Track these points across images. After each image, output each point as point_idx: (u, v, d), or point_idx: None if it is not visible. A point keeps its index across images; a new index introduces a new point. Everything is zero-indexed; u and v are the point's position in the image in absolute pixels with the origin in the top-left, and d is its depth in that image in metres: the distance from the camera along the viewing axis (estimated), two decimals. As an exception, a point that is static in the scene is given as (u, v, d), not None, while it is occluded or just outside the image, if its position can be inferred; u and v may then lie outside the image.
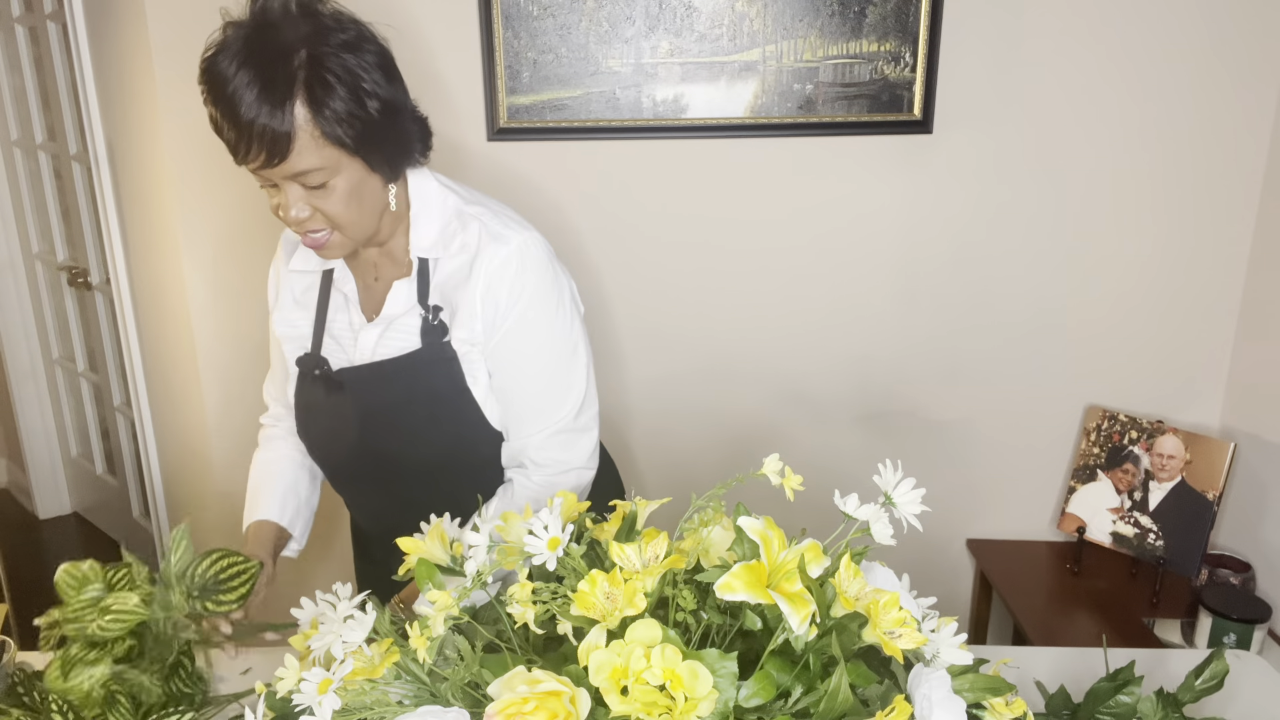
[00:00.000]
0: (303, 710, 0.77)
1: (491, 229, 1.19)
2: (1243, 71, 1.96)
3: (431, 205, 1.20)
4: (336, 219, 1.11)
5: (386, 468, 1.29)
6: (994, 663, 0.93)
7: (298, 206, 1.09)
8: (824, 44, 1.95)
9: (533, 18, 1.94)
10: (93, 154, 2.27)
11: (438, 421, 1.24)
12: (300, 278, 1.30)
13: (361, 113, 1.05)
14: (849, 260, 2.11)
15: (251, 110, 1.01)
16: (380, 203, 1.15)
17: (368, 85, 1.05)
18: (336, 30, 1.05)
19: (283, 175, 1.06)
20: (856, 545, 0.83)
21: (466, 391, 1.22)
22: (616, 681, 0.69)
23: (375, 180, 1.12)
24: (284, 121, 1.01)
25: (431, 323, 1.20)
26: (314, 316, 1.29)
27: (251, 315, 2.14)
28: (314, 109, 1.02)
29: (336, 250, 1.15)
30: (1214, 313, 2.12)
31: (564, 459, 1.26)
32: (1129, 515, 2.10)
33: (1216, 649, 1.05)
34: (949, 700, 0.76)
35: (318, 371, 1.27)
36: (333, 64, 1.03)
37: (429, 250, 1.20)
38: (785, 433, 2.22)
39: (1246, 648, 1.79)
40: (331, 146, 1.05)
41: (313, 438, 1.34)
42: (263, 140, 1.02)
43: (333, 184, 1.08)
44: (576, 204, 2.08)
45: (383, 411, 1.25)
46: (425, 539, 0.94)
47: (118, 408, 2.97)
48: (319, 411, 1.30)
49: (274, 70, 1.01)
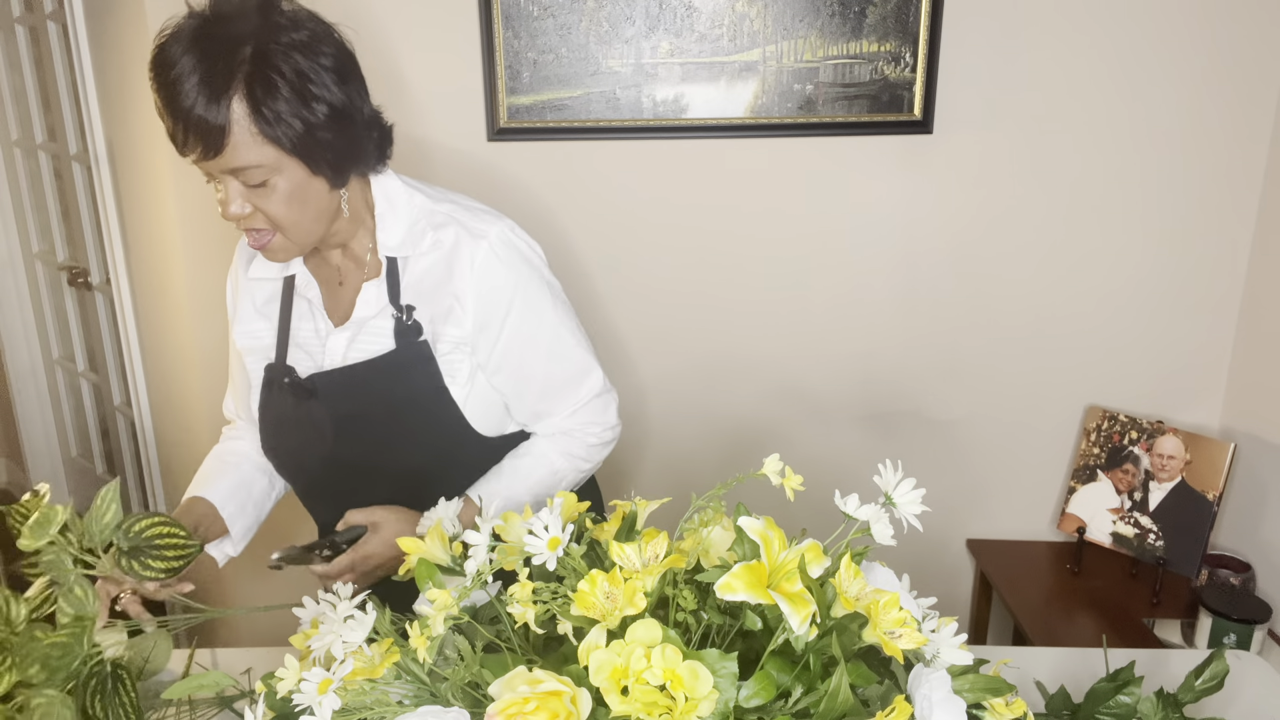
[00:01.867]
0: (303, 710, 0.77)
1: (468, 225, 1.18)
2: (1243, 71, 1.96)
3: (397, 204, 1.19)
4: (276, 219, 1.09)
5: (363, 477, 1.25)
6: (994, 663, 0.93)
7: (236, 203, 1.07)
8: (824, 44, 1.95)
9: (533, 18, 1.94)
10: (93, 154, 2.27)
11: (415, 424, 1.22)
12: (261, 286, 1.27)
13: (305, 114, 1.03)
14: (849, 260, 2.11)
15: (188, 99, 0.99)
16: (326, 206, 1.12)
17: (315, 88, 1.03)
18: (290, 28, 1.03)
19: (220, 169, 1.05)
20: (857, 545, 0.83)
21: (445, 391, 1.21)
22: (617, 681, 0.69)
23: (319, 183, 1.09)
24: (219, 115, 1.00)
25: (405, 323, 1.18)
26: (276, 326, 1.25)
27: (251, 315, 2.14)
28: (252, 105, 1.01)
29: (281, 253, 1.13)
30: (1214, 313, 2.12)
31: (603, 421, 1.30)
32: (1129, 515, 2.10)
33: (1216, 649, 1.04)
34: (949, 700, 0.76)
35: (287, 380, 1.23)
36: (280, 62, 1.01)
37: (397, 249, 1.18)
38: (785, 432, 2.22)
39: (1246, 648, 1.79)
40: (270, 145, 1.03)
41: (282, 452, 1.29)
42: (198, 132, 1.01)
43: (273, 183, 1.06)
44: (576, 204, 2.08)
45: (358, 417, 1.22)
46: (426, 539, 0.94)
47: (118, 408, 2.96)
48: (289, 423, 1.26)
49: (216, 62, 0.99)
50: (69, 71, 2.62)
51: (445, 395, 1.21)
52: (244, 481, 1.31)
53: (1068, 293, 2.12)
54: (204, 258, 2.11)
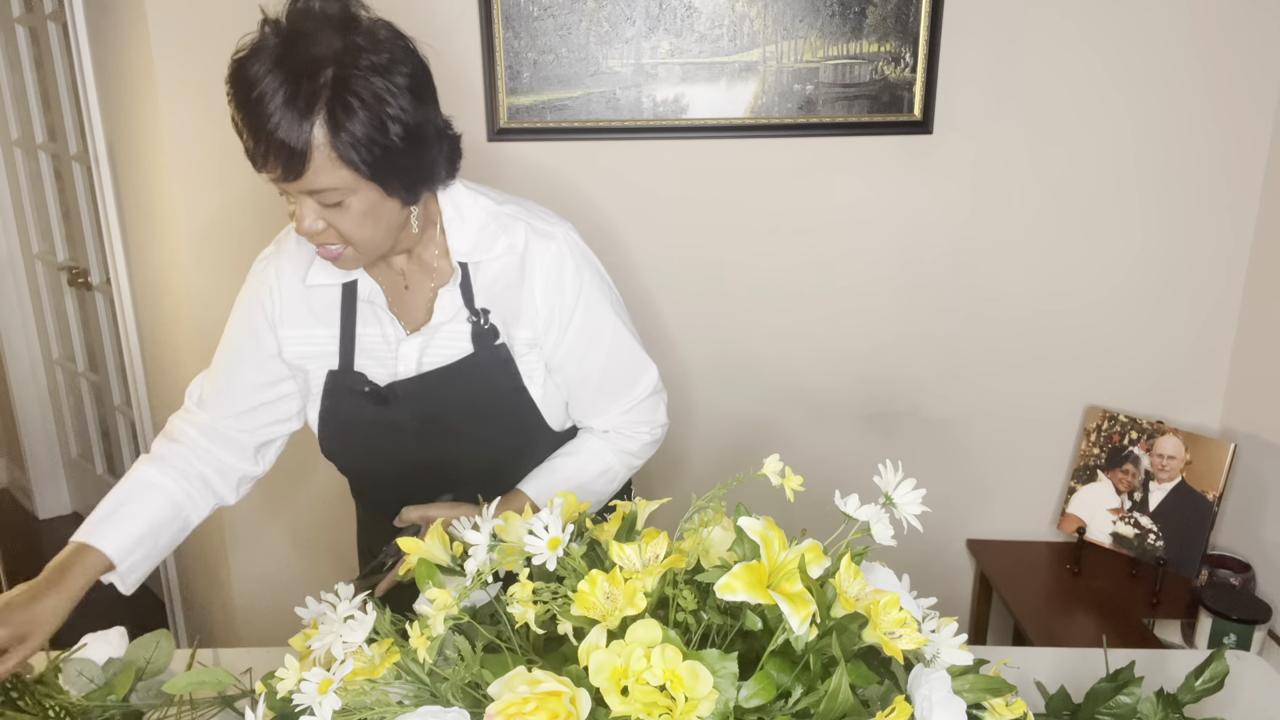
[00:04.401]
0: (303, 710, 0.77)
1: (536, 227, 1.20)
2: (1243, 71, 1.96)
3: (465, 211, 1.20)
4: (350, 237, 1.09)
5: (440, 476, 1.26)
6: (994, 663, 0.93)
7: (310, 219, 1.07)
8: (824, 44, 1.95)
9: (533, 18, 1.94)
10: (93, 154, 2.27)
11: (493, 424, 1.25)
12: (320, 293, 1.25)
13: (381, 138, 1.02)
14: (849, 260, 2.11)
15: (271, 120, 0.99)
16: (398, 221, 1.13)
17: (392, 110, 1.02)
18: (368, 50, 1.01)
19: (297, 190, 1.05)
20: (857, 545, 0.83)
21: (524, 391, 1.24)
22: (617, 682, 0.69)
23: (393, 202, 1.10)
24: (300, 139, 0.99)
25: (483, 326, 1.20)
26: (339, 333, 1.25)
27: (251, 315, 2.14)
28: (332, 130, 1.00)
29: (351, 263, 1.13)
30: (1214, 313, 2.12)
31: (653, 419, 1.33)
32: (1129, 516, 2.10)
33: (1216, 649, 1.05)
34: (949, 701, 0.76)
35: (366, 389, 1.23)
36: (358, 86, 1.00)
37: (469, 255, 1.20)
38: (785, 433, 2.22)
39: (1246, 648, 1.79)
40: (347, 169, 1.03)
41: (350, 456, 1.31)
42: (279, 154, 1.00)
43: (348, 203, 1.06)
44: (576, 204, 2.08)
45: (435, 419, 1.24)
46: (426, 539, 0.94)
47: (118, 408, 2.96)
48: (361, 428, 1.26)
49: (299, 85, 0.98)
50: (69, 71, 2.62)
51: (524, 395, 1.24)
52: (154, 528, 1.22)
53: (1067, 292, 2.11)
54: (204, 258, 2.11)
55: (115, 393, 2.97)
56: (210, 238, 2.09)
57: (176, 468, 1.26)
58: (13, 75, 3.01)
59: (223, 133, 2.03)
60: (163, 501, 1.23)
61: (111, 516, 1.19)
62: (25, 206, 3.15)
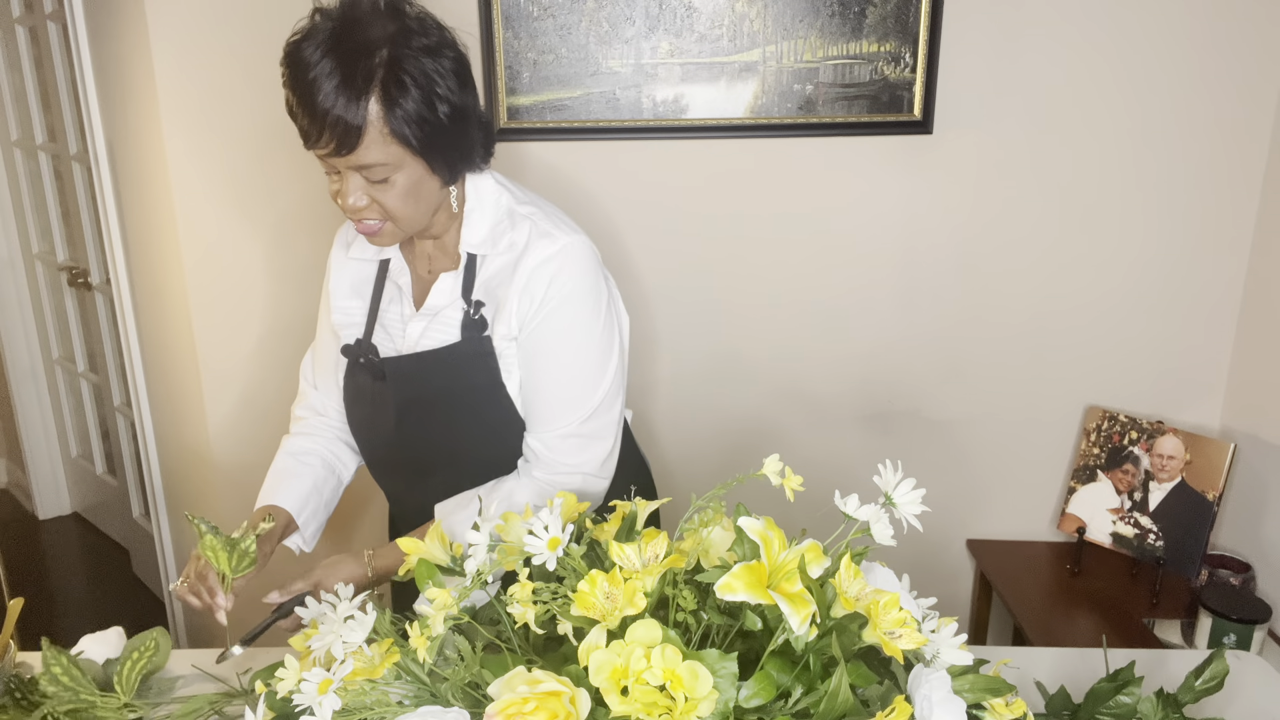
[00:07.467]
0: (303, 710, 0.77)
1: (541, 228, 1.22)
2: (1243, 72, 1.96)
3: (485, 202, 1.24)
4: (392, 212, 1.14)
5: (424, 458, 1.31)
6: (994, 663, 0.93)
7: (356, 195, 1.12)
8: (824, 44, 1.95)
9: (533, 18, 1.94)
10: (93, 154, 2.27)
11: (473, 414, 1.26)
12: (360, 267, 1.33)
13: (431, 116, 1.09)
14: (849, 260, 2.11)
15: (328, 100, 1.04)
16: (437, 200, 1.19)
17: (441, 90, 1.09)
18: (419, 34, 1.09)
19: (347, 165, 1.10)
20: (857, 545, 0.83)
21: (501, 386, 1.25)
22: (616, 682, 0.69)
23: (435, 181, 1.16)
24: (357, 115, 1.05)
25: (472, 316, 1.23)
26: (368, 306, 1.32)
27: (252, 315, 2.14)
28: (386, 107, 1.06)
29: (387, 238, 1.19)
30: (1214, 313, 2.12)
31: (573, 462, 1.25)
32: (1129, 516, 2.10)
33: (1216, 649, 1.05)
34: (949, 701, 0.76)
35: (363, 360, 1.30)
36: (411, 66, 1.07)
37: (478, 246, 1.23)
38: (785, 433, 2.22)
39: (1246, 648, 1.79)
40: (397, 145, 1.09)
41: (356, 424, 1.37)
42: (334, 130, 1.06)
43: (394, 179, 1.12)
44: (576, 204, 2.07)
45: (418, 402, 1.27)
46: (425, 539, 0.94)
47: (118, 408, 2.96)
48: (363, 399, 1.33)
49: (355, 64, 1.04)
50: (69, 71, 2.62)
51: (502, 390, 1.25)
52: (317, 485, 1.36)
53: (1067, 292, 2.12)
54: (204, 258, 2.11)
55: (115, 393, 2.97)
56: (210, 238, 2.09)
57: (316, 437, 1.40)
58: (13, 75, 3.01)
59: (223, 133, 2.04)
60: (316, 462, 1.37)
61: (281, 483, 1.33)
62: (25, 206, 3.15)
